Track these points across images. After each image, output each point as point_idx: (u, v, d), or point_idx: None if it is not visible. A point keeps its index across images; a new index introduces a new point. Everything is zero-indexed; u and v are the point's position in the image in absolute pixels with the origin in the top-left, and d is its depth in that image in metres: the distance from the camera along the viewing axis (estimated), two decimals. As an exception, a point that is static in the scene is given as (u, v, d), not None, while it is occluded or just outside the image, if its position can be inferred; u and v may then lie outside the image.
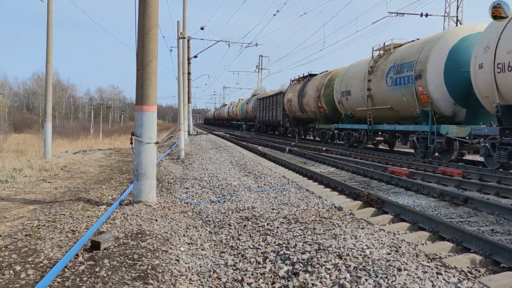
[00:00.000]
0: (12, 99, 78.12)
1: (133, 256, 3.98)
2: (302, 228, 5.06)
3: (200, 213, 6.45)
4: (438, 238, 4.81)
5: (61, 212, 5.71)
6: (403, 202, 6.85)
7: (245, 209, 6.33)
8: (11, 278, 3.43)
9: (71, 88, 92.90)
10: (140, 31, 6.17)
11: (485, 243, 4.18)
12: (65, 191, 7.70)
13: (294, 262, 3.94)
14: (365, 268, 3.55)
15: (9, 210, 6.08)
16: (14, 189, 8.01)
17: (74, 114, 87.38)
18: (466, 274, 3.62)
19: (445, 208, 6.53)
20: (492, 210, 6.07)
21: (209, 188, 8.33)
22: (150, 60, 6.16)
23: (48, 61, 14.93)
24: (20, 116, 62.73)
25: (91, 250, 4.10)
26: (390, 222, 5.59)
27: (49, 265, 3.73)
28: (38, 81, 78.16)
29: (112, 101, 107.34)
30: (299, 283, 3.52)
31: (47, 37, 14.81)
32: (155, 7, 6.22)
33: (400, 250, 4.06)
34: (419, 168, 11.26)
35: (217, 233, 5.38)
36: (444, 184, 8.76)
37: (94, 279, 3.41)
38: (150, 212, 5.67)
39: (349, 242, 4.29)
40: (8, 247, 4.17)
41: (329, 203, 6.50)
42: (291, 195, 7.18)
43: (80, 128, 50.70)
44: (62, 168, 11.33)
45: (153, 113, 6.29)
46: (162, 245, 4.45)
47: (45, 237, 4.52)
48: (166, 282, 3.57)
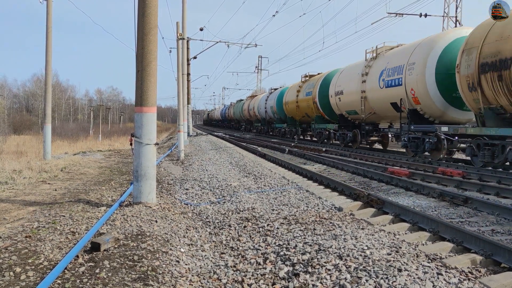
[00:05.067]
0: (12, 100, 78.17)
1: (133, 257, 3.98)
2: (302, 228, 5.05)
3: (200, 214, 6.44)
4: (438, 239, 4.80)
5: (61, 213, 5.71)
6: (403, 202, 6.85)
7: (245, 210, 6.33)
8: (11, 280, 3.42)
9: (71, 90, 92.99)
10: (139, 32, 6.17)
11: (486, 243, 4.17)
12: (64, 193, 7.69)
13: (294, 262, 3.94)
14: (365, 268, 3.55)
15: (9, 211, 6.07)
16: (13, 190, 8.00)
17: (73, 116, 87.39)
18: (466, 275, 3.62)
19: (445, 208, 6.53)
20: (492, 210, 6.07)
21: (209, 189, 8.32)
22: (149, 61, 6.16)
23: (47, 63, 14.92)
24: (20, 118, 62.72)
25: (91, 252, 4.10)
26: (390, 223, 5.59)
27: (49, 266, 3.73)
28: (37, 83, 78.16)
29: (111, 102, 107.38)
30: (299, 284, 3.51)
31: (46, 38, 14.80)
32: (154, 8, 6.22)
33: (400, 250, 4.05)
34: (419, 169, 11.26)
35: (217, 234, 5.38)
36: (444, 184, 8.75)
37: (94, 281, 3.41)
38: (150, 213, 5.67)
39: (349, 242, 4.29)
40: (8, 248, 4.16)
41: (329, 203, 6.50)
42: (291, 196, 7.18)
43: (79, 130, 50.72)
44: (62, 169, 11.32)
45: (153, 114, 6.28)
46: (162, 246, 4.45)
47: (45, 238, 4.51)
48: (166, 283, 3.57)
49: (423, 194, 7.59)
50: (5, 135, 33.06)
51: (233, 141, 23.79)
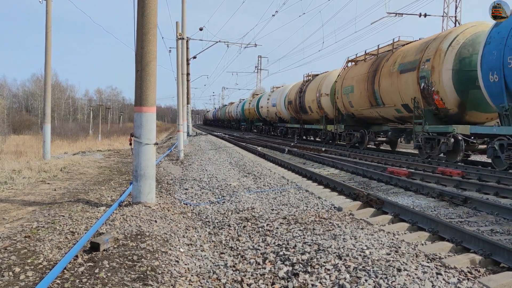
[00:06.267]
0: (11, 100, 78.10)
1: (133, 257, 3.98)
2: (301, 228, 5.05)
3: (200, 214, 6.44)
4: (437, 238, 4.81)
5: (60, 213, 5.70)
6: (403, 202, 6.85)
7: (245, 210, 6.33)
8: (10, 280, 3.42)
9: (70, 89, 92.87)
10: (139, 32, 6.16)
11: (485, 243, 4.18)
12: (64, 193, 7.68)
13: (293, 262, 3.94)
14: (365, 268, 3.55)
15: (8, 211, 6.07)
16: (13, 190, 8.00)
17: (73, 115, 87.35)
18: (466, 274, 3.62)
19: (445, 208, 6.53)
20: (491, 210, 6.07)
21: (209, 189, 8.32)
22: (149, 61, 6.16)
23: (47, 62, 14.91)
24: (19, 118, 62.67)
25: (91, 252, 4.09)
26: (389, 223, 5.59)
27: (48, 266, 3.72)
28: (37, 83, 78.11)
29: (111, 102, 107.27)
30: (299, 284, 3.51)
31: (46, 38, 14.79)
32: (154, 8, 6.22)
33: (399, 250, 4.06)
34: (418, 168, 11.26)
35: (217, 234, 5.38)
36: (444, 184, 8.76)
37: (94, 281, 3.40)
38: (149, 213, 5.67)
39: (348, 242, 4.29)
40: (7, 248, 4.16)
41: (328, 203, 6.50)
42: (291, 196, 7.18)
43: (79, 129, 50.68)
44: (61, 169, 11.31)
45: (152, 114, 6.28)
46: (161, 246, 4.45)
47: (44, 238, 4.51)
48: (166, 283, 3.57)
49: (422, 194, 7.59)
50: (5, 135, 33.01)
51: (232, 141, 23.79)
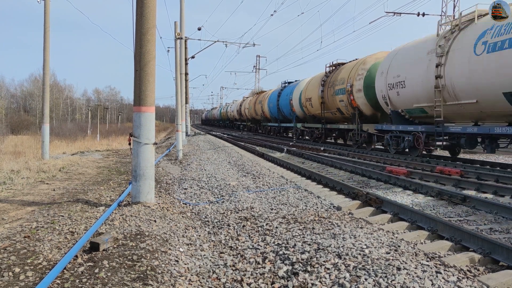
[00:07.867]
0: (9, 100, 77.98)
1: (132, 257, 3.98)
2: (301, 228, 5.06)
3: (199, 213, 6.44)
4: (437, 237, 4.82)
5: (60, 213, 5.70)
6: (402, 201, 6.87)
7: (244, 209, 6.33)
8: (10, 280, 3.42)
9: (68, 89, 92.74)
10: (137, 32, 6.16)
11: (484, 242, 4.19)
12: (63, 193, 7.67)
13: (293, 262, 3.94)
14: (364, 267, 3.56)
15: (7, 212, 6.05)
16: (12, 191, 7.98)
17: (71, 116, 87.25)
18: (465, 273, 3.63)
19: (444, 207, 6.55)
20: (490, 209, 6.09)
21: (208, 189, 8.32)
22: (148, 61, 6.16)
23: (45, 62, 14.88)
24: (18, 118, 62.50)
25: (90, 252, 4.09)
26: (389, 222, 5.60)
27: (48, 266, 3.72)
28: (35, 83, 77.98)
29: (109, 102, 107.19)
30: (298, 283, 3.52)
31: (44, 38, 14.76)
32: (152, 8, 6.22)
33: (399, 249, 4.06)
34: (417, 168, 11.28)
35: (216, 234, 5.38)
36: (442, 183, 8.77)
37: (94, 281, 3.40)
38: (148, 213, 5.66)
39: (348, 241, 4.30)
40: (7, 249, 4.15)
41: (327, 202, 6.50)
42: (290, 195, 7.18)
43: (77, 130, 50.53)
44: (60, 169, 11.30)
45: (151, 114, 6.28)
46: (161, 246, 4.45)
47: (44, 238, 4.50)
48: (166, 283, 3.57)
49: (421, 193, 7.60)
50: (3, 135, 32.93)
51: (231, 141, 23.78)
